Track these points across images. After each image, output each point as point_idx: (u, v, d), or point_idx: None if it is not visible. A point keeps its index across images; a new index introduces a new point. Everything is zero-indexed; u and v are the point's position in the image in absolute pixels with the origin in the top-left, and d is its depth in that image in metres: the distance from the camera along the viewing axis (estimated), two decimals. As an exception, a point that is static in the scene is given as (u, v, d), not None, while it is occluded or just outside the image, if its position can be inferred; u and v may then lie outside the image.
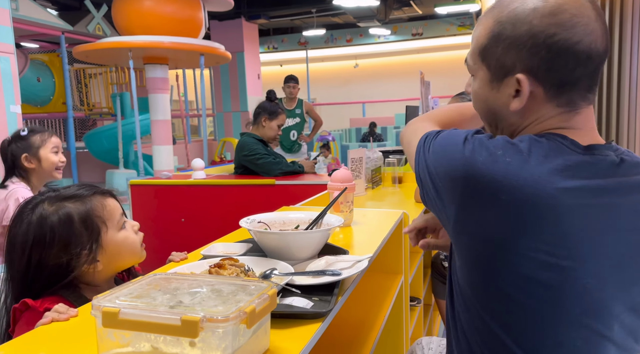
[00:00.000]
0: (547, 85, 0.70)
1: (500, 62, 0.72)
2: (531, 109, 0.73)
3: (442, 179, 0.71)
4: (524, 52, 0.69)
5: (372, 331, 1.24)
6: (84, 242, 0.94)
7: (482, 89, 0.77)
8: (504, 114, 0.76)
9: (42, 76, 7.74)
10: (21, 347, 0.67)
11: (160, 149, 4.92)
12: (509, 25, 0.70)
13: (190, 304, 0.57)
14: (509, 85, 0.72)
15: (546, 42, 0.67)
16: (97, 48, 4.56)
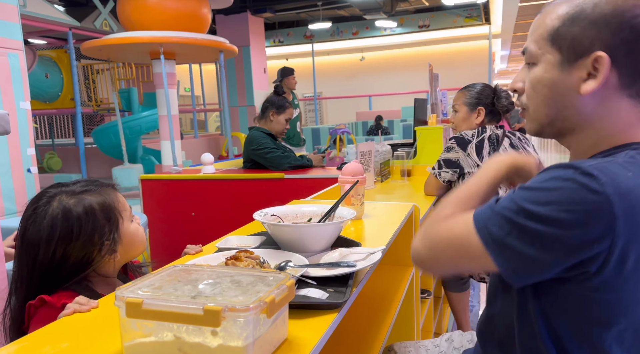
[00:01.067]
0: (623, 71, 0.67)
1: (576, 42, 0.69)
2: (602, 97, 0.69)
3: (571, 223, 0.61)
4: (606, 31, 0.66)
5: (385, 322, 1.25)
6: (106, 233, 0.96)
7: (548, 73, 0.73)
8: (570, 100, 0.72)
9: (50, 72, 7.78)
10: (44, 338, 0.68)
11: (167, 145, 4.95)
12: (588, 6, 0.68)
13: (212, 294, 0.58)
14: (581, 67, 0.69)
15: (632, 22, 0.65)
16: (106, 44, 4.58)
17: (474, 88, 2.12)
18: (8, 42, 4.73)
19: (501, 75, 20.25)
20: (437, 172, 2.01)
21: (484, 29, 11.60)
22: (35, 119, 9.87)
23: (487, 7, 10.50)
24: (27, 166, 4.89)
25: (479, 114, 2.07)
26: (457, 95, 2.17)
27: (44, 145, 9.70)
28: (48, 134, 11.85)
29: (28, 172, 4.90)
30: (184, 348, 0.56)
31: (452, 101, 2.19)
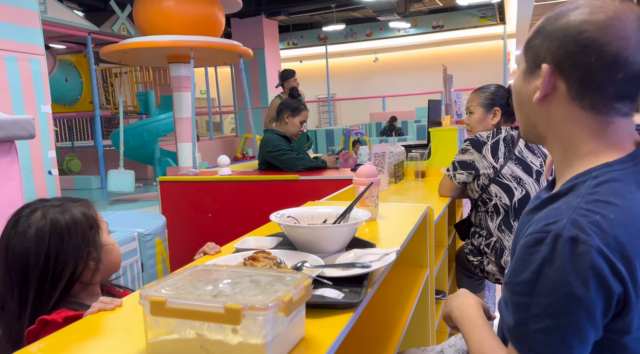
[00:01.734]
0: (570, 81, 0.71)
1: (536, 53, 0.74)
2: (555, 106, 0.74)
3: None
4: (555, 44, 0.71)
5: (399, 323, 1.26)
6: (91, 240, 0.96)
7: (518, 80, 0.80)
8: (531, 108, 0.77)
9: (70, 76, 7.94)
10: (71, 336, 0.72)
11: (184, 147, 5.02)
12: (551, 20, 0.73)
13: (232, 293, 0.60)
14: (537, 76, 0.74)
15: (576, 36, 0.69)
16: (125, 48, 4.67)
17: (488, 89, 2.11)
18: (30, 48, 4.84)
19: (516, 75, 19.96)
20: (452, 174, 2.01)
21: (498, 28, 11.49)
22: (56, 122, 10.08)
23: (502, 6, 10.40)
24: (48, 168, 5.00)
25: (495, 115, 2.06)
26: (471, 96, 2.16)
27: (64, 147, 9.90)
28: (68, 136, 12.07)
29: (49, 174, 5.01)
30: (205, 345, 0.58)
31: (466, 102, 2.18)
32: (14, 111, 4.61)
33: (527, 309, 0.67)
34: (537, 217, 0.71)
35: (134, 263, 1.83)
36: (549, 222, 0.66)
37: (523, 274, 0.67)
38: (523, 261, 0.68)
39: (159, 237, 1.98)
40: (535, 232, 0.67)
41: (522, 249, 0.68)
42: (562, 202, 0.70)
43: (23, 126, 1.37)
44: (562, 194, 0.72)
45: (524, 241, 0.68)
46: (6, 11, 4.60)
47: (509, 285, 0.70)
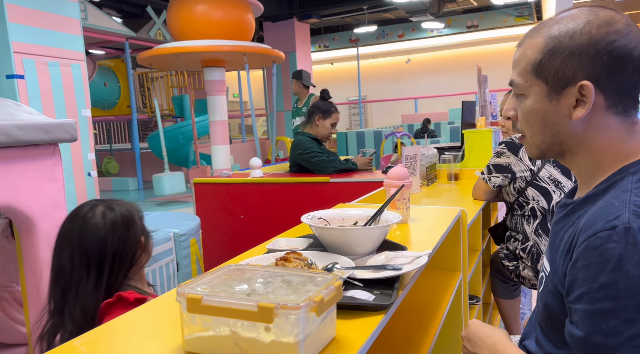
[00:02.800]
0: (608, 92, 0.72)
1: (560, 73, 0.73)
2: (592, 118, 0.74)
3: None
4: (585, 60, 0.71)
5: (431, 327, 1.25)
6: (144, 230, 1.17)
7: (538, 104, 0.77)
8: (564, 126, 0.76)
9: (108, 81, 8.23)
10: (111, 331, 0.75)
11: (217, 149, 5.11)
12: (565, 38, 0.72)
13: (264, 292, 0.61)
14: (569, 95, 0.74)
15: (607, 48, 0.70)
16: (160, 53, 4.80)
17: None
18: (71, 54, 5.06)
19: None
20: (487, 177, 1.97)
21: (536, 27, 11.18)
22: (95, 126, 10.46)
23: (539, 5, 10.12)
24: (87, 170, 5.20)
25: None
26: (505, 95, 2.12)
27: (103, 150, 10.25)
28: (106, 139, 12.51)
29: (88, 176, 5.20)
30: (239, 343, 0.59)
31: (502, 104, 2.14)
32: (57, 114, 4.81)
33: (615, 315, 0.61)
34: (583, 220, 0.69)
35: (170, 263, 1.88)
36: (609, 219, 0.64)
37: (600, 279, 0.62)
38: (595, 265, 0.63)
39: (194, 237, 2.03)
40: (597, 231, 0.64)
41: (589, 253, 0.64)
42: (610, 199, 0.68)
43: (66, 130, 1.44)
44: (600, 193, 0.72)
45: (588, 243, 0.65)
46: (50, 19, 4.82)
47: (586, 295, 0.64)
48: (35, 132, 1.34)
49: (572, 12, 0.74)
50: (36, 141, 1.35)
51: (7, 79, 4.45)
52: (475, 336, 0.89)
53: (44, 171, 1.39)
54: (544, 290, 0.78)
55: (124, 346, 0.68)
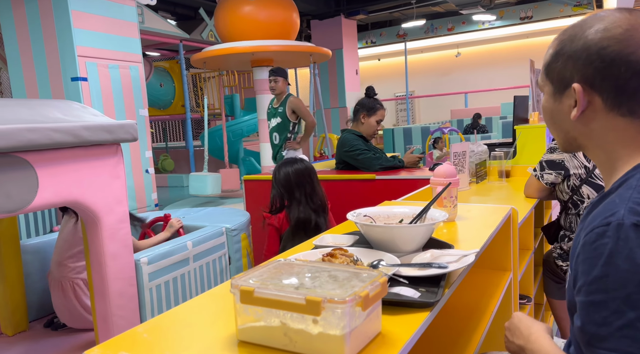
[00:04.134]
0: (604, 94, 0.74)
1: (560, 76, 0.79)
2: (593, 118, 0.77)
3: None
4: (579, 64, 0.75)
5: (479, 326, 1.24)
6: None
7: (547, 102, 0.84)
8: (568, 125, 0.81)
9: (164, 82, 8.59)
10: (172, 319, 0.80)
11: (266, 147, 5.22)
12: (568, 42, 0.78)
13: (312, 286, 0.64)
14: (569, 96, 0.78)
15: (599, 53, 0.73)
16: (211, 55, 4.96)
17: None
18: (129, 56, 5.33)
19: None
20: (539, 174, 1.91)
21: (595, 16, 10.56)
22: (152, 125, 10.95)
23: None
24: (145, 167, 5.46)
25: None
26: None
27: (159, 148, 10.71)
28: (162, 137, 13.05)
29: (146, 172, 5.47)
30: (289, 333, 0.63)
31: None
32: (116, 114, 5.09)
33: (606, 307, 0.65)
34: (590, 216, 0.72)
35: (222, 256, 1.96)
36: (607, 215, 0.68)
37: (593, 272, 0.66)
38: (590, 259, 0.67)
39: (244, 232, 2.10)
40: (595, 227, 0.67)
41: (586, 248, 0.68)
42: (615, 197, 0.71)
43: (127, 130, 1.53)
44: (612, 191, 0.74)
45: (586, 239, 0.69)
46: (110, 24, 5.09)
47: (582, 288, 0.68)
48: (100, 132, 1.44)
49: (589, 16, 0.77)
50: (100, 141, 1.45)
51: (72, 81, 4.75)
52: (515, 326, 0.90)
53: (107, 169, 1.49)
54: (568, 288, 0.80)
55: (182, 333, 0.73)
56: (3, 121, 1.23)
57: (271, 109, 4.13)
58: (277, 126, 4.05)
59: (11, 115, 1.28)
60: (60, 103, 1.52)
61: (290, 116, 4.00)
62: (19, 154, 1.25)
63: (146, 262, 1.60)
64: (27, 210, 1.27)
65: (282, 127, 4.03)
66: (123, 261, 1.53)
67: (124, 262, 1.53)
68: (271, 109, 4.13)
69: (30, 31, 4.84)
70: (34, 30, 4.86)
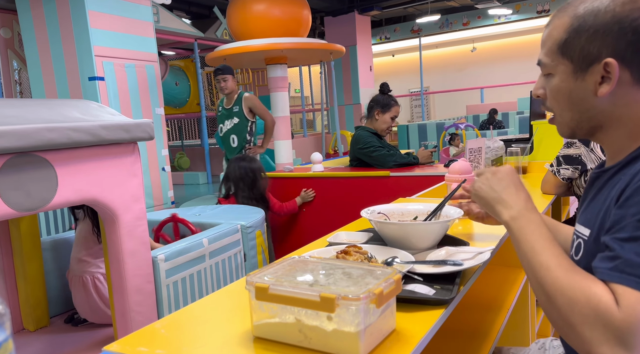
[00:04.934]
0: (634, 68, 0.73)
1: (585, 52, 0.75)
2: (620, 94, 0.75)
3: None
4: (610, 38, 0.72)
5: (495, 324, 1.23)
6: None
7: (564, 82, 0.79)
8: (590, 103, 0.77)
9: (179, 80, 8.67)
10: (189, 316, 0.81)
11: (280, 144, 5.24)
12: (590, 17, 0.74)
13: (326, 283, 0.65)
14: (594, 73, 0.75)
15: (632, 25, 0.71)
16: (226, 54, 4.99)
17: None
18: (145, 55, 5.39)
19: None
20: (555, 169, 1.89)
21: None
22: (167, 123, 11.07)
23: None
24: (161, 165, 5.53)
25: None
26: None
27: (175, 146, 10.82)
28: (178, 136, 13.18)
29: (162, 170, 5.54)
30: (303, 330, 0.63)
31: None
32: (133, 113, 5.16)
33: None
34: (632, 174, 0.69)
35: (238, 253, 1.98)
36: None
37: None
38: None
39: (259, 229, 2.11)
40: None
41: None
42: None
43: (144, 129, 1.55)
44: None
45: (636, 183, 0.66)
46: (126, 23, 5.16)
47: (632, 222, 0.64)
48: (117, 131, 1.47)
49: None
50: (118, 139, 1.47)
51: (90, 81, 4.83)
52: (505, 175, 0.86)
53: (125, 167, 1.52)
54: (585, 255, 0.76)
55: (199, 329, 0.74)
56: (24, 121, 1.25)
57: (223, 111, 3.83)
58: (234, 127, 3.78)
59: (32, 115, 1.31)
60: (79, 103, 1.54)
61: (247, 114, 3.78)
62: (39, 153, 1.27)
63: (163, 259, 1.62)
64: (46, 208, 1.30)
65: (239, 129, 3.78)
66: (141, 258, 1.55)
67: (142, 259, 1.56)
68: (222, 111, 3.84)
69: (48, 32, 4.92)
70: (52, 31, 4.94)
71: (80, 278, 1.85)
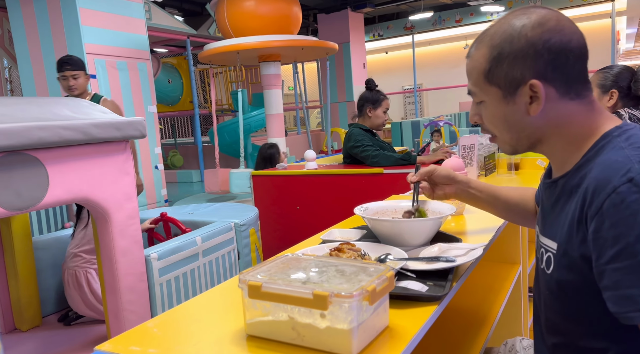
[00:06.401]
0: (557, 84, 0.77)
1: (509, 77, 0.79)
2: (550, 109, 0.79)
3: None
4: (529, 61, 0.77)
5: (488, 319, 1.24)
6: None
7: (497, 108, 0.83)
8: (525, 122, 0.81)
9: (172, 78, 8.62)
10: (182, 314, 0.81)
11: (274, 141, 5.23)
12: (506, 44, 0.78)
13: (319, 281, 0.65)
14: (522, 95, 0.79)
15: (545, 46, 0.75)
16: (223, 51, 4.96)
17: (611, 70, 1.97)
18: (138, 53, 5.35)
19: (628, 55, 18.03)
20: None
21: (606, 6, 10.43)
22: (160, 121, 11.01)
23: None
24: (154, 163, 5.50)
25: (611, 97, 1.92)
26: (592, 77, 2.03)
27: (168, 144, 10.77)
28: (171, 134, 13.12)
29: (155, 168, 5.51)
30: (297, 328, 0.63)
31: None
32: (125, 111, 5.12)
33: None
34: (588, 185, 0.70)
35: (231, 251, 1.98)
36: (622, 173, 0.67)
37: (634, 231, 0.63)
38: (624, 219, 0.64)
39: (253, 227, 2.11)
40: (616, 188, 0.66)
41: (614, 211, 0.65)
42: (611, 158, 0.71)
43: (136, 127, 1.54)
44: (591, 159, 0.76)
45: (608, 203, 0.66)
46: (117, 20, 5.11)
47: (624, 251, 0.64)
48: (109, 129, 1.45)
49: (507, 18, 0.80)
50: (109, 138, 1.46)
51: (81, 79, 4.78)
52: None
53: (116, 165, 1.51)
54: (556, 269, 0.78)
55: (191, 328, 0.74)
56: (14, 119, 1.24)
57: None
58: None
59: (22, 113, 1.30)
60: (69, 101, 1.53)
61: None
62: (29, 151, 1.26)
63: (156, 258, 1.62)
64: (37, 207, 1.29)
65: None
66: (133, 256, 1.54)
67: (135, 258, 1.55)
68: None
69: (39, 29, 4.87)
70: (42, 29, 4.89)
71: (74, 271, 1.86)
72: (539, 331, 0.87)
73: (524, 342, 1.14)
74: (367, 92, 3.01)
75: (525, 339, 1.15)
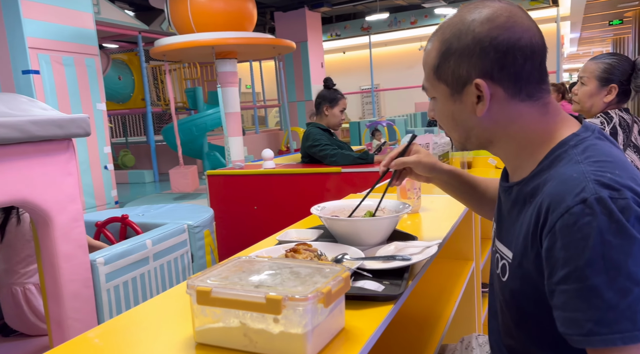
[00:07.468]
0: (504, 84, 0.74)
1: (456, 75, 0.76)
2: (498, 110, 0.76)
3: None
4: (474, 59, 0.73)
5: (443, 315, 1.25)
6: None
7: (445, 105, 0.81)
8: (473, 122, 0.78)
9: (122, 75, 8.30)
10: (123, 324, 0.76)
11: (232, 141, 5.14)
12: (454, 39, 0.75)
13: (273, 284, 0.62)
14: (469, 94, 0.76)
15: (492, 43, 0.72)
16: (176, 47, 4.81)
17: (610, 59, 1.80)
18: (85, 48, 5.11)
19: (572, 59, 19.01)
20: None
21: (551, 11, 10.94)
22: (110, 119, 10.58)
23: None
24: (104, 164, 5.27)
25: (609, 92, 1.78)
26: (587, 64, 1.85)
27: (118, 143, 10.37)
28: (122, 132, 12.65)
29: (105, 169, 5.28)
30: (249, 334, 0.60)
31: (580, 71, 1.88)
32: (72, 109, 4.88)
33: (610, 286, 0.59)
34: (544, 197, 0.67)
35: (185, 254, 1.91)
36: (576, 192, 0.63)
37: (584, 255, 0.61)
38: (575, 242, 0.61)
39: (208, 229, 2.05)
40: (569, 208, 0.62)
41: (566, 232, 0.62)
42: (566, 173, 0.67)
43: (79, 124, 1.45)
44: (545, 168, 0.72)
45: (561, 223, 0.63)
46: (63, 14, 4.86)
47: (572, 275, 0.61)
48: (49, 127, 1.36)
49: (462, 11, 0.76)
50: (50, 136, 1.37)
51: (23, 74, 4.52)
52: None
53: (58, 165, 1.41)
54: (512, 278, 0.76)
55: (136, 337, 0.70)
56: (-61, 116, 1.14)
57: None
58: None
59: (-51, 109, 1.19)
60: (5, 96, 1.42)
61: None
62: (-42, 150, 1.16)
63: (102, 263, 1.54)
64: (-31, 211, 1.18)
65: None
66: (77, 261, 1.46)
67: (79, 263, 1.46)
68: None
69: (-25, 21, 4.56)
70: (-21, 20, 4.58)
71: (10, 289, 1.71)
72: (496, 328, 0.86)
73: (480, 339, 1.16)
74: (324, 91, 3.01)
75: (481, 335, 1.17)
